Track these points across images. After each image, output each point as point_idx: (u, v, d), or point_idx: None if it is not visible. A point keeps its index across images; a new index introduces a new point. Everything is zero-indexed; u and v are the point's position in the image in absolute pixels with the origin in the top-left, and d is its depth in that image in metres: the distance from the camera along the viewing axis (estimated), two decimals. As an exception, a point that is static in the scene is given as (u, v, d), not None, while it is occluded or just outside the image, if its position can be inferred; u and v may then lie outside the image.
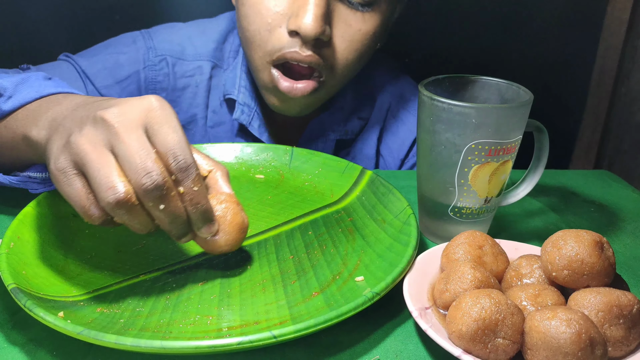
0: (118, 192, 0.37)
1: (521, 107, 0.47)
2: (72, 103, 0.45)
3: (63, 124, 0.42)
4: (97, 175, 0.38)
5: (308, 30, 0.55)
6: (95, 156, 0.38)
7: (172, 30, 0.74)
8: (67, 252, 0.48)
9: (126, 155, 0.38)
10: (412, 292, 0.42)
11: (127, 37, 0.72)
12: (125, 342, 0.35)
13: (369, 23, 0.61)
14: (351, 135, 0.74)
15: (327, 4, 0.57)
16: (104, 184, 0.37)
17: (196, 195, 0.40)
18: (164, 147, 0.39)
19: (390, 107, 0.76)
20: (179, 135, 0.40)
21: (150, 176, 0.37)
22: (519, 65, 0.94)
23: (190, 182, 0.40)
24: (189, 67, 0.73)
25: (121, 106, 0.39)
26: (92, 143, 0.38)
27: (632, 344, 0.38)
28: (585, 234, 0.41)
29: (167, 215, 0.40)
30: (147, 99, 0.40)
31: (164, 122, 0.39)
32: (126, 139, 0.38)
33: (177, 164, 0.39)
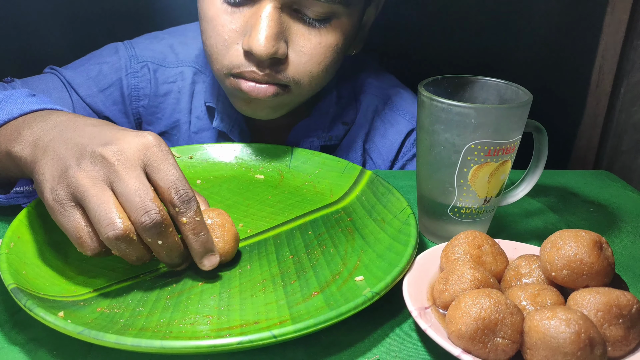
0: (118, 228, 0.39)
1: (520, 107, 0.47)
2: (57, 121, 0.45)
3: (51, 146, 0.43)
4: (97, 211, 0.39)
5: (260, 50, 0.54)
6: (95, 192, 0.40)
7: (154, 40, 0.74)
8: (67, 252, 0.48)
9: (126, 193, 0.40)
10: (411, 292, 0.42)
11: (110, 48, 0.73)
12: (126, 341, 0.35)
13: (329, 36, 0.58)
14: (335, 141, 0.74)
15: (279, 23, 0.55)
16: (104, 220, 0.39)
17: (198, 225, 0.43)
18: (165, 183, 0.41)
19: (376, 108, 0.75)
20: (178, 171, 0.42)
21: (149, 215, 0.40)
22: (519, 65, 0.94)
23: (192, 213, 0.42)
24: (171, 73, 0.73)
25: (120, 144, 0.41)
26: (92, 179, 0.40)
27: (631, 343, 0.38)
28: (584, 234, 0.41)
29: (165, 249, 0.42)
30: (144, 137, 0.42)
31: (163, 159, 0.42)
32: (126, 178, 0.40)
33: (179, 198, 0.42)
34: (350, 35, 0.61)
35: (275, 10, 0.54)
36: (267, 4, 0.54)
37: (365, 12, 0.65)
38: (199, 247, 0.43)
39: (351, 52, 0.68)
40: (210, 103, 0.72)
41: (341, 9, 0.57)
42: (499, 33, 0.94)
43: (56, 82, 0.69)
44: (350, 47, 0.67)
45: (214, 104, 0.72)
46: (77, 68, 0.70)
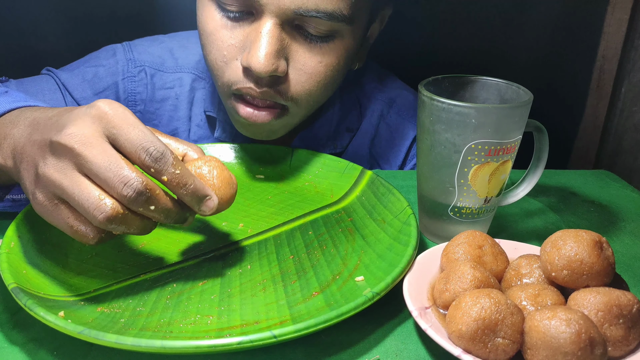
0: (105, 210, 0.37)
1: (521, 107, 0.47)
2: (26, 123, 0.44)
3: (24, 152, 0.41)
4: (79, 200, 0.38)
5: (259, 68, 0.52)
6: (69, 182, 0.38)
7: (153, 43, 0.73)
8: (67, 252, 0.48)
9: (98, 172, 0.37)
10: (412, 292, 0.42)
11: (108, 50, 0.72)
12: (126, 341, 0.35)
13: (330, 55, 0.56)
14: (340, 149, 0.73)
15: (279, 40, 0.53)
16: (89, 206, 0.37)
17: (181, 177, 0.40)
18: (131, 146, 0.38)
19: (381, 113, 0.74)
20: (140, 129, 0.39)
21: (129, 186, 0.37)
22: (519, 65, 0.94)
23: (170, 167, 0.39)
24: (169, 78, 0.72)
25: (73, 124, 0.38)
26: (60, 170, 0.38)
27: (631, 343, 0.38)
28: (584, 234, 0.41)
29: (160, 212, 0.40)
30: (95, 107, 0.39)
31: (120, 123, 0.39)
32: (91, 156, 0.37)
33: (150, 156, 0.38)
34: (352, 52, 0.60)
35: (275, 27, 0.52)
36: (268, 21, 0.52)
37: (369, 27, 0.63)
38: (190, 198, 0.41)
39: (354, 67, 0.67)
40: (211, 112, 0.71)
41: (344, 27, 0.55)
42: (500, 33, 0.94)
43: (51, 84, 0.68)
44: (353, 62, 0.65)
45: (214, 113, 0.71)
46: (73, 70, 0.70)
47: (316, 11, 0.52)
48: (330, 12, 0.52)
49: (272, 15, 0.52)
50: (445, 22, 0.93)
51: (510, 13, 0.92)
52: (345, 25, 0.55)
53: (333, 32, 0.55)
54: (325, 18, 0.52)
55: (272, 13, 0.52)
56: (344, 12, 0.53)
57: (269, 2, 0.51)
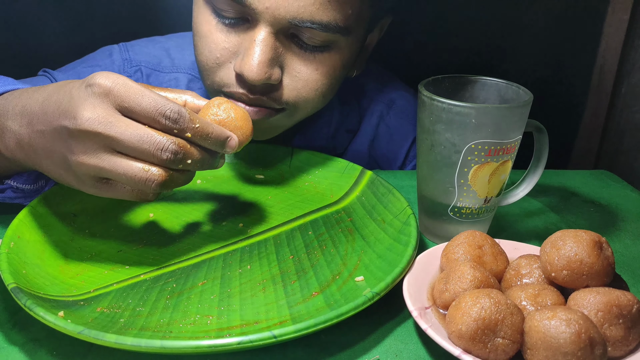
0: (155, 178, 0.41)
1: (521, 107, 0.47)
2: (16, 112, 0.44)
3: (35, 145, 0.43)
4: (126, 178, 0.40)
5: (251, 76, 0.52)
6: (108, 165, 0.40)
7: (150, 44, 0.73)
8: (67, 252, 0.48)
9: (132, 148, 0.40)
10: (411, 292, 0.42)
11: (104, 51, 0.72)
12: (126, 341, 0.35)
13: (326, 63, 0.56)
14: (340, 150, 0.73)
15: (274, 49, 0.52)
16: (139, 180, 0.40)
17: (202, 130, 0.42)
18: (147, 115, 0.40)
19: (381, 114, 0.74)
20: (148, 95, 0.40)
21: (165, 150, 0.40)
22: (519, 65, 0.94)
23: (190, 123, 0.41)
24: (165, 78, 0.71)
25: (83, 108, 0.39)
26: (94, 155, 0.40)
27: (631, 343, 0.38)
28: (584, 234, 0.41)
29: (196, 163, 0.43)
30: (95, 85, 0.40)
31: (128, 94, 0.40)
32: (119, 135, 0.39)
33: (169, 119, 0.40)
34: (349, 61, 0.59)
35: (270, 35, 0.52)
36: (262, 29, 0.52)
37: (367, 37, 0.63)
38: (214, 144, 0.43)
39: (352, 74, 0.66)
40: None
41: (340, 38, 0.55)
42: (500, 33, 0.94)
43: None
44: (351, 70, 0.65)
45: None
46: (70, 71, 0.70)
47: (311, 22, 0.51)
48: (326, 24, 0.52)
49: (266, 24, 0.51)
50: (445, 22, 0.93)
51: (510, 13, 0.92)
52: (341, 36, 0.54)
53: (329, 43, 0.55)
54: (321, 29, 0.52)
55: (266, 22, 0.51)
56: (340, 23, 0.53)
57: (264, 11, 0.51)
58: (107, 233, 0.52)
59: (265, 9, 0.50)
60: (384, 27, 0.66)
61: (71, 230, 0.51)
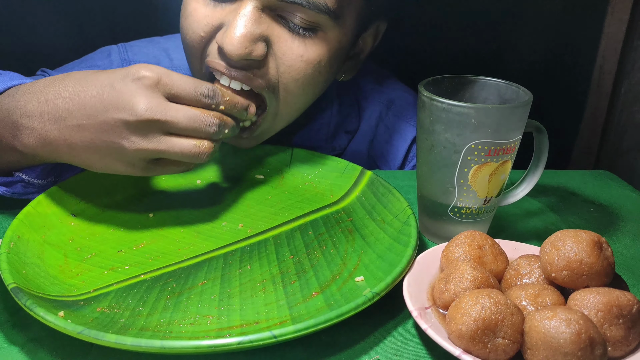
0: (206, 151, 0.47)
1: (521, 107, 0.47)
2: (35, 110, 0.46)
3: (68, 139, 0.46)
4: (182, 154, 0.46)
5: (231, 49, 0.51)
6: (165, 146, 0.46)
7: (149, 44, 0.73)
8: (67, 252, 0.48)
9: (184, 127, 0.46)
10: (411, 292, 0.42)
11: (103, 51, 0.72)
12: (126, 341, 0.35)
13: (312, 50, 0.54)
14: (339, 150, 0.73)
15: (258, 24, 0.51)
16: (193, 154, 0.47)
17: (231, 101, 0.49)
18: (191, 97, 0.46)
19: (380, 115, 0.74)
20: (188, 80, 0.46)
21: (212, 124, 0.47)
22: (519, 65, 0.94)
23: (221, 98, 0.48)
24: None
25: (139, 99, 0.44)
26: (152, 141, 0.45)
27: (631, 343, 0.38)
28: (583, 234, 0.41)
29: (230, 131, 0.50)
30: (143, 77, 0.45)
31: (172, 82, 0.46)
32: (173, 119, 0.45)
33: (207, 97, 0.47)
34: (336, 55, 0.58)
35: (255, 10, 0.51)
36: (248, 3, 0.51)
37: (359, 38, 0.62)
38: (240, 113, 0.51)
39: (339, 78, 0.65)
40: None
41: (329, 22, 0.54)
42: (500, 33, 0.94)
43: None
44: (339, 73, 0.64)
45: None
46: (68, 71, 0.69)
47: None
48: (314, 1, 0.51)
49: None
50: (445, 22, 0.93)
51: (510, 13, 0.92)
52: (329, 20, 0.54)
53: (316, 25, 0.54)
54: (308, 6, 0.51)
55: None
56: (329, 4, 0.52)
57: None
58: (107, 233, 0.52)
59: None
60: (379, 34, 0.65)
61: (71, 230, 0.51)
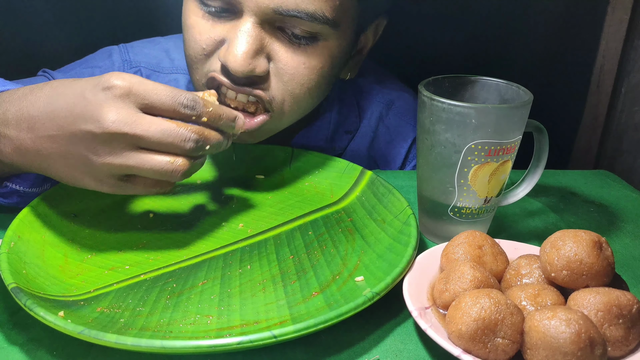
0: (180, 168, 0.43)
1: (521, 107, 0.47)
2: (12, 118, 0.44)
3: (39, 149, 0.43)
4: (153, 171, 0.43)
5: (235, 66, 0.51)
6: (135, 162, 0.42)
7: (149, 44, 0.73)
8: (67, 252, 0.48)
9: (157, 143, 0.42)
10: (411, 292, 0.42)
11: (104, 52, 0.72)
12: (126, 341, 0.35)
13: (314, 57, 0.54)
14: (339, 151, 0.73)
15: (259, 40, 0.51)
16: (166, 172, 0.43)
17: (215, 112, 0.45)
18: (167, 108, 0.43)
19: (380, 115, 0.74)
20: (165, 90, 0.42)
21: (188, 140, 0.43)
22: (519, 65, 0.94)
23: (204, 109, 0.44)
24: (164, 79, 0.71)
25: (107, 111, 0.41)
26: (120, 155, 0.42)
27: (631, 343, 0.38)
28: (583, 234, 0.41)
29: (213, 147, 0.46)
30: (113, 87, 0.41)
31: (146, 92, 0.42)
32: (144, 133, 0.41)
33: (187, 108, 0.43)
34: (339, 59, 0.58)
35: (255, 26, 0.51)
36: (247, 20, 0.51)
37: (360, 37, 0.62)
38: (226, 126, 0.46)
39: (344, 76, 0.65)
40: None
41: (329, 31, 0.53)
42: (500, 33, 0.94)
43: None
44: (344, 71, 0.64)
45: None
46: (69, 71, 0.69)
47: (296, 11, 0.50)
48: (312, 13, 0.51)
49: (251, 14, 0.51)
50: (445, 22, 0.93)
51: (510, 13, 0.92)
52: (329, 28, 0.53)
53: (316, 35, 0.53)
54: (307, 18, 0.51)
55: (251, 12, 0.51)
56: (327, 14, 0.52)
57: (248, 1, 0.50)
58: (107, 233, 0.52)
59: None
60: (379, 30, 0.65)
61: (71, 230, 0.51)
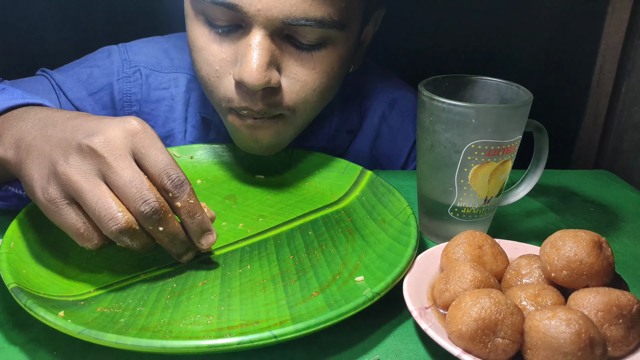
0: (120, 222, 0.40)
1: (521, 107, 0.47)
2: (35, 119, 0.44)
3: (34, 145, 0.42)
4: (95, 207, 0.39)
5: (251, 81, 0.51)
6: (90, 187, 0.40)
7: (149, 44, 0.73)
8: (67, 252, 0.48)
9: (121, 185, 0.40)
10: (411, 292, 0.42)
11: (103, 51, 0.72)
12: (126, 341, 0.35)
13: (323, 62, 0.55)
14: (341, 150, 0.73)
15: (270, 52, 0.51)
16: (105, 215, 0.39)
17: (192, 207, 0.43)
18: (156, 169, 0.41)
19: (383, 114, 0.74)
20: (167, 156, 0.42)
21: (148, 203, 0.40)
22: (519, 65, 0.94)
23: (186, 196, 0.43)
24: (164, 79, 0.71)
25: (105, 133, 0.41)
26: (83, 173, 0.40)
27: (631, 343, 0.38)
28: (583, 234, 0.41)
29: (167, 235, 0.43)
30: (128, 122, 0.42)
31: (151, 145, 0.42)
32: (118, 169, 0.40)
33: (172, 183, 0.42)
34: (347, 57, 0.58)
35: (265, 38, 0.51)
36: (257, 33, 0.51)
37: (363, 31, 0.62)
38: (196, 227, 0.44)
39: (349, 69, 0.65)
40: (206, 115, 0.70)
41: (336, 33, 0.53)
42: (500, 33, 0.94)
43: (45, 84, 0.68)
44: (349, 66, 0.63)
45: (209, 115, 0.70)
46: (68, 71, 0.69)
47: (305, 19, 0.50)
48: (320, 19, 0.51)
49: (260, 27, 0.51)
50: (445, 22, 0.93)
51: (510, 13, 0.92)
52: (337, 31, 0.53)
53: (324, 39, 0.54)
54: (316, 25, 0.51)
55: (260, 25, 0.51)
56: (334, 17, 0.52)
57: (256, 14, 0.50)
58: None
59: (257, 12, 0.50)
60: (379, 20, 0.65)
61: (71, 230, 0.51)
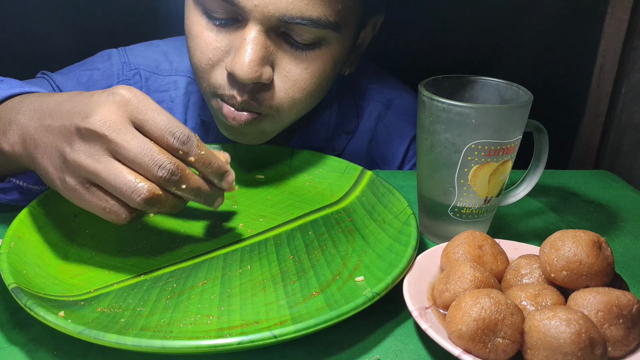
0: (143, 192, 0.40)
1: (521, 107, 0.47)
2: (31, 108, 0.45)
3: (38, 138, 0.43)
4: (115, 184, 0.40)
5: (243, 74, 0.51)
6: (103, 167, 0.40)
7: (148, 47, 0.73)
8: (67, 252, 0.48)
9: (132, 157, 0.40)
10: (412, 292, 0.42)
11: (103, 54, 0.72)
12: (126, 341, 0.35)
13: (316, 62, 0.55)
14: (338, 151, 0.73)
15: (264, 47, 0.52)
16: (126, 190, 0.40)
17: (206, 157, 0.44)
18: (158, 131, 0.41)
19: (379, 114, 0.74)
20: (165, 115, 0.42)
21: (163, 167, 0.41)
22: (519, 65, 0.94)
23: (195, 149, 0.43)
24: (163, 81, 0.71)
25: (99, 111, 0.40)
26: (92, 156, 0.40)
27: (631, 343, 0.38)
28: (582, 234, 0.41)
29: (191, 191, 0.43)
30: (117, 94, 0.41)
31: (145, 109, 0.41)
32: (124, 143, 0.40)
33: (177, 140, 0.42)
34: (340, 59, 0.58)
35: (260, 34, 0.51)
36: (253, 28, 0.51)
37: (360, 34, 0.62)
38: (214, 175, 0.45)
39: (344, 72, 0.65)
40: (205, 117, 0.71)
41: (331, 34, 0.54)
42: (500, 33, 0.94)
43: (45, 87, 0.68)
44: (343, 68, 0.64)
45: (208, 118, 0.70)
46: (69, 73, 0.70)
47: (301, 18, 0.51)
48: (316, 19, 0.51)
49: (256, 22, 0.51)
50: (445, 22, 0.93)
51: (510, 13, 0.92)
52: (332, 32, 0.54)
53: (319, 39, 0.54)
54: (311, 25, 0.51)
55: (256, 20, 0.51)
56: (330, 18, 0.52)
57: (253, 9, 0.50)
58: (107, 233, 0.52)
59: (254, 7, 0.50)
60: (377, 25, 0.65)
61: (71, 230, 0.51)
